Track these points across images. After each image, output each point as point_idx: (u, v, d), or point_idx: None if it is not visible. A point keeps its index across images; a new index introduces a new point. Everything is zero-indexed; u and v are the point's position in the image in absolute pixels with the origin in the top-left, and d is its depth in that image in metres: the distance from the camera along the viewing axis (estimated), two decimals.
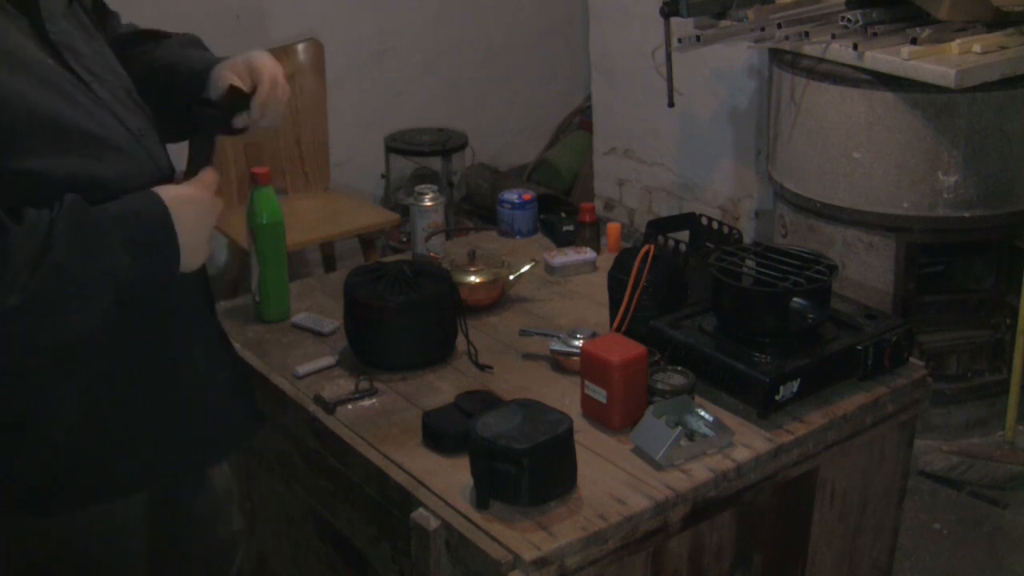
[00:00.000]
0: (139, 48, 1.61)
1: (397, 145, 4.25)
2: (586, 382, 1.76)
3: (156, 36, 1.66)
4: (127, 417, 1.40)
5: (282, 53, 3.65)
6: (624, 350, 1.72)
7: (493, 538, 1.48)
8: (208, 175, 1.44)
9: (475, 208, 4.52)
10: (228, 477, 1.73)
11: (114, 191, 1.32)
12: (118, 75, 1.45)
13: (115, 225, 1.27)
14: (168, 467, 1.49)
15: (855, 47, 2.73)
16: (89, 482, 1.40)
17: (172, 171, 1.48)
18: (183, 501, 1.60)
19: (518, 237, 2.56)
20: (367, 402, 1.84)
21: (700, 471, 1.63)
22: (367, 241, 3.62)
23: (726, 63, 3.78)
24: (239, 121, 1.57)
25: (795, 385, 1.76)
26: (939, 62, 2.61)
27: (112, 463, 1.41)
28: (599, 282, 2.19)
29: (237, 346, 1.86)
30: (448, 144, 4.25)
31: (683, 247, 2.21)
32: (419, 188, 2.39)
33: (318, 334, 2.06)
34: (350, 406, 1.82)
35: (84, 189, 1.28)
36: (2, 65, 1.23)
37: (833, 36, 2.79)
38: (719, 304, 1.91)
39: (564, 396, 1.83)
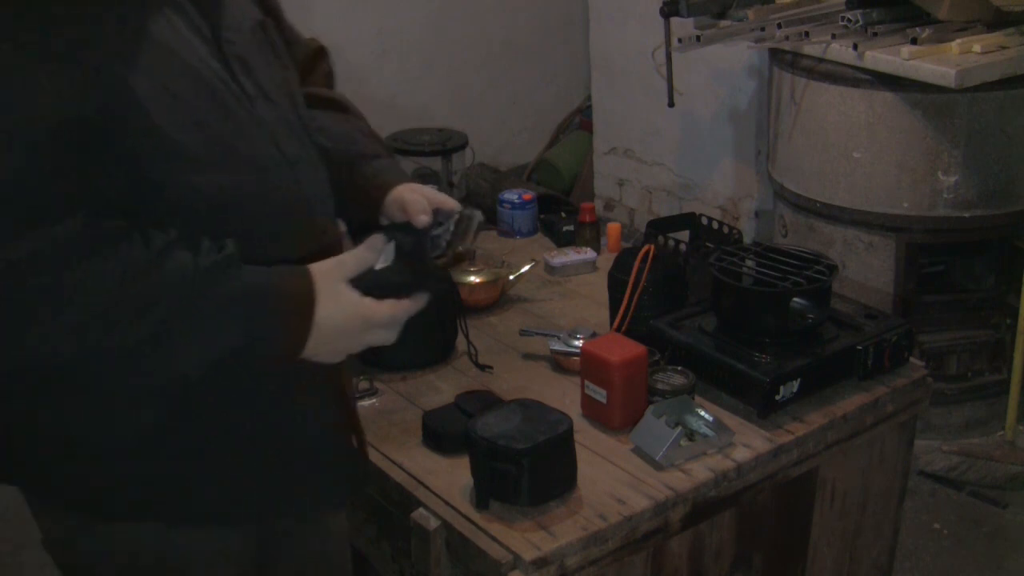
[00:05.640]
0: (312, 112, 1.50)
1: (397, 145, 4.25)
2: (586, 382, 1.76)
3: (340, 107, 1.58)
4: (225, 445, 1.33)
5: None
6: (624, 350, 1.72)
7: (493, 538, 1.48)
8: (388, 307, 1.30)
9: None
10: (343, 527, 1.62)
11: (249, 213, 1.26)
12: (294, 101, 1.39)
13: (244, 303, 1.20)
14: (268, 508, 1.40)
15: (855, 47, 2.72)
16: (180, 503, 1.33)
17: (325, 205, 1.39)
18: (291, 549, 1.51)
19: (518, 237, 2.56)
20: (367, 402, 1.83)
21: (700, 471, 1.63)
22: None
23: (726, 63, 3.78)
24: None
25: (795, 385, 1.76)
26: (939, 62, 2.61)
27: (203, 490, 1.33)
28: (599, 282, 2.19)
29: None
30: (448, 144, 4.25)
31: (683, 247, 2.21)
32: None
33: None
34: None
35: (223, 206, 1.23)
36: (169, 68, 1.18)
37: (833, 36, 2.78)
38: (719, 304, 1.91)
39: (564, 396, 1.83)
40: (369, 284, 1.30)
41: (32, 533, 1.40)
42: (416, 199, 1.46)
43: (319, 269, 1.27)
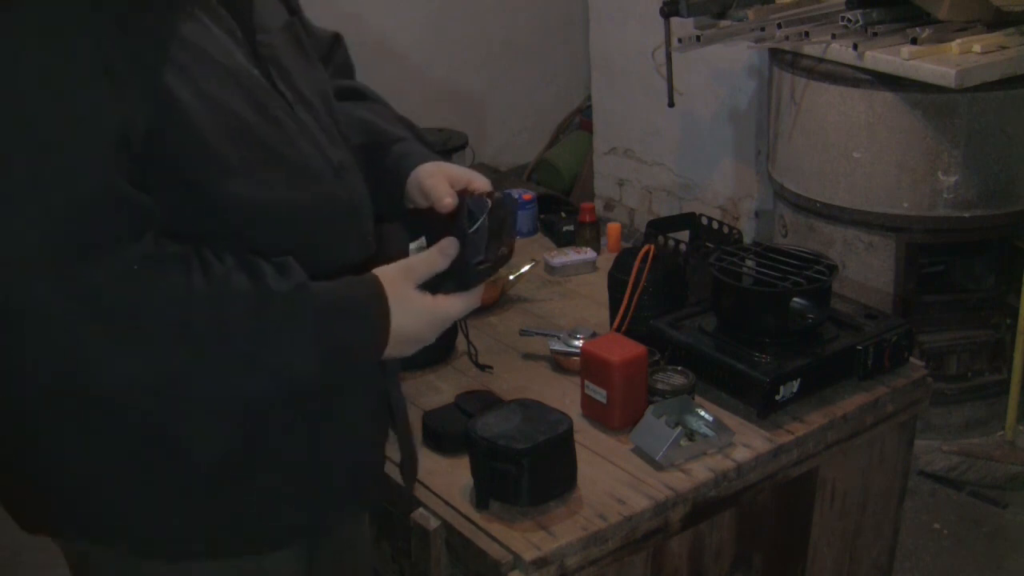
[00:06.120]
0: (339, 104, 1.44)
1: None
2: (586, 382, 1.76)
3: (359, 94, 1.52)
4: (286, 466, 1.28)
5: None
6: (624, 350, 1.72)
7: (493, 538, 1.48)
8: (456, 302, 1.29)
9: None
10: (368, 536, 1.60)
11: (308, 224, 1.22)
12: (327, 102, 1.34)
13: (318, 331, 1.16)
14: (314, 523, 1.35)
15: (855, 47, 2.72)
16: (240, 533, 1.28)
17: (369, 209, 1.34)
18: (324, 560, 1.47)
19: (518, 237, 2.56)
20: None
21: (700, 471, 1.63)
22: None
23: (726, 63, 3.78)
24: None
25: (795, 385, 1.76)
26: (939, 62, 2.61)
27: (264, 516, 1.28)
28: (599, 282, 2.19)
29: None
30: (448, 144, 4.24)
31: (683, 247, 2.21)
32: None
33: None
34: None
35: (277, 218, 1.19)
36: (211, 75, 1.14)
37: (833, 36, 2.78)
38: (719, 304, 1.91)
39: (564, 396, 1.83)
40: (435, 283, 1.27)
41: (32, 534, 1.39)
42: (436, 184, 1.35)
43: (387, 278, 1.23)
